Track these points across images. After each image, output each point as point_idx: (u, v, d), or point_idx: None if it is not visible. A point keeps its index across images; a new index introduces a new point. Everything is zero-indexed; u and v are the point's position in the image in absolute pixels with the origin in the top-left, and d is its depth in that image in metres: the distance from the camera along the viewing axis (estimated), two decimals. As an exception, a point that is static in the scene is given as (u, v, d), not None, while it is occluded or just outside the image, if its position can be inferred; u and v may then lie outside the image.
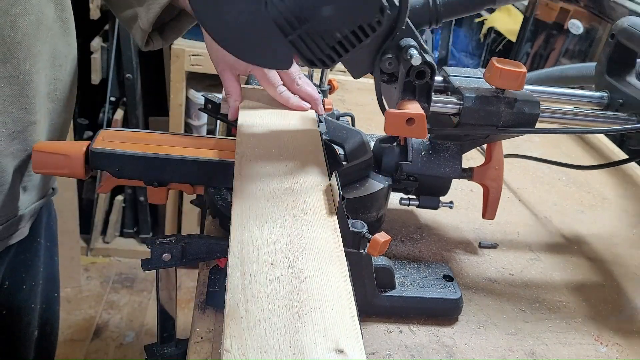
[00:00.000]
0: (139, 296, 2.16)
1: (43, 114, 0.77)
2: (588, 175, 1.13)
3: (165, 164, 0.71)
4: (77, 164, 0.70)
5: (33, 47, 0.71)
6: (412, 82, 0.65)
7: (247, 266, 0.49)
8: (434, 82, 0.66)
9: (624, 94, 0.80)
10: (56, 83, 0.79)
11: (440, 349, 0.67)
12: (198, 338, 0.64)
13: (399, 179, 0.79)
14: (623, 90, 0.80)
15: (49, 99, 0.78)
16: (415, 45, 0.63)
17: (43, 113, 0.77)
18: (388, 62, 0.65)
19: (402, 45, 0.64)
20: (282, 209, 0.57)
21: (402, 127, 0.62)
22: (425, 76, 0.64)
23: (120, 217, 2.31)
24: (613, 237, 0.94)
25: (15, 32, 0.68)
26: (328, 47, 0.60)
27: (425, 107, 0.66)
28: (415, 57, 0.62)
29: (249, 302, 0.45)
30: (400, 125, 0.62)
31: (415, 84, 0.65)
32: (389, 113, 0.62)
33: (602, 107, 0.83)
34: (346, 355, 0.41)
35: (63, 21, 0.77)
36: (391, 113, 0.62)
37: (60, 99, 0.81)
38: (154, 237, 0.64)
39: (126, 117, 2.12)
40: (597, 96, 0.83)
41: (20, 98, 0.71)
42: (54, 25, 0.75)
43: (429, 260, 0.81)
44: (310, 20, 0.58)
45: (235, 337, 0.42)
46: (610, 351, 0.70)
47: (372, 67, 0.66)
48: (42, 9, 0.72)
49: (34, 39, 0.71)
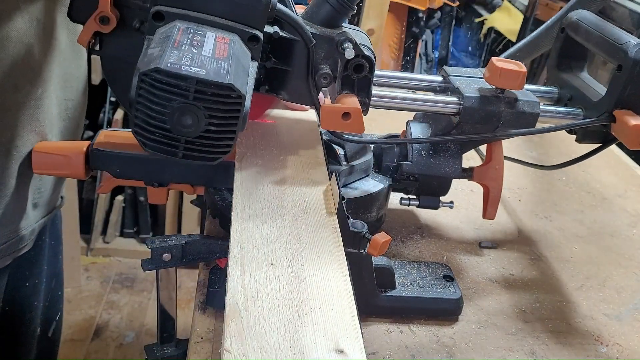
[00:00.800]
0: (139, 296, 2.16)
1: (55, 133, 0.78)
2: (588, 175, 1.13)
3: (165, 164, 0.71)
4: (77, 164, 0.70)
5: (45, 73, 0.72)
6: (351, 76, 0.64)
7: (247, 266, 0.49)
8: (373, 76, 0.65)
9: (573, 87, 0.79)
10: (67, 103, 0.80)
11: (440, 349, 0.67)
12: (198, 338, 0.64)
13: (399, 179, 0.79)
14: (572, 84, 0.80)
15: (61, 119, 0.79)
16: (351, 39, 0.63)
17: (55, 133, 0.78)
18: (323, 77, 0.65)
19: (337, 39, 0.63)
20: (282, 209, 0.57)
21: (338, 122, 0.62)
22: (364, 70, 0.64)
23: (120, 217, 2.31)
24: (613, 237, 0.94)
25: (29, 60, 0.69)
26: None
27: (364, 101, 0.66)
28: (349, 50, 0.62)
29: (249, 302, 0.45)
30: (337, 120, 0.62)
31: (354, 78, 0.65)
32: (324, 108, 0.62)
33: (552, 102, 0.82)
34: (346, 355, 0.41)
35: (76, 45, 0.78)
36: (326, 108, 0.62)
37: (72, 117, 0.82)
38: (154, 237, 0.64)
39: (126, 117, 2.12)
40: (547, 91, 0.83)
41: (31, 122, 0.72)
42: (66, 50, 0.76)
43: (429, 260, 0.81)
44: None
45: (235, 337, 0.42)
46: (610, 351, 0.70)
47: (311, 91, 0.66)
48: (56, 36, 0.73)
49: (46, 65, 0.72)
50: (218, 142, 0.50)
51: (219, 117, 0.48)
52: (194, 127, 0.48)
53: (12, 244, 0.77)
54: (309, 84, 0.65)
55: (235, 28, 0.55)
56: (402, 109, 0.74)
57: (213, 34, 0.53)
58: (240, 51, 0.53)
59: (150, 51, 0.49)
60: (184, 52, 0.48)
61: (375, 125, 1.21)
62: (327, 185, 0.63)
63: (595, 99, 0.74)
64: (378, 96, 0.70)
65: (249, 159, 0.66)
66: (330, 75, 0.64)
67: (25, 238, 0.79)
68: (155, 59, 0.47)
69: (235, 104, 0.48)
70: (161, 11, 0.53)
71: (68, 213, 1.98)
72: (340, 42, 0.63)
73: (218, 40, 0.53)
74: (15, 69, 0.67)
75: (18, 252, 0.79)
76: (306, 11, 0.66)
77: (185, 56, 0.47)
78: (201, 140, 0.49)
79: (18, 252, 0.79)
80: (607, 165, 1.17)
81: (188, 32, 0.52)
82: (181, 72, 0.46)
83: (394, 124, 0.90)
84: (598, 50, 0.75)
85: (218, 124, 0.48)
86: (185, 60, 0.47)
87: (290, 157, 0.68)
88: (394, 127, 0.90)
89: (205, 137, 0.49)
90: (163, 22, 0.53)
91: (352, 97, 0.64)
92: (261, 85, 0.66)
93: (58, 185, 0.86)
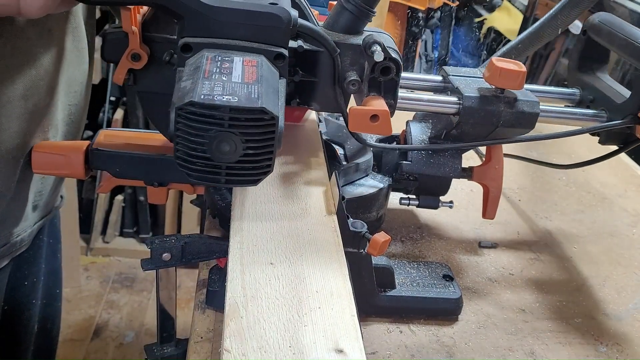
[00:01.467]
0: (139, 296, 2.16)
1: (59, 139, 0.78)
2: (588, 175, 1.13)
3: (165, 164, 0.71)
4: (77, 164, 0.70)
5: (53, 81, 0.72)
6: (378, 78, 0.65)
7: (247, 266, 0.49)
8: (400, 79, 0.66)
9: (595, 89, 0.80)
10: (70, 108, 0.80)
11: (440, 349, 0.67)
12: (198, 338, 0.64)
13: (399, 179, 0.79)
14: (594, 86, 0.80)
15: (64, 123, 0.79)
16: (379, 41, 0.63)
17: (59, 138, 0.78)
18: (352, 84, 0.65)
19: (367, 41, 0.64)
20: (282, 209, 0.57)
21: (366, 124, 0.62)
22: (391, 72, 0.64)
23: (120, 217, 2.31)
24: (613, 237, 0.94)
25: (37, 70, 0.69)
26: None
27: (391, 103, 0.66)
28: (378, 53, 0.62)
29: (248, 302, 0.45)
30: (365, 122, 0.62)
31: (380, 80, 0.65)
32: (352, 110, 0.62)
33: (574, 104, 0.83)
34: (346, 355, 0.42)
35: (79, 50, 0.79)
36: (354, 110, 0.62)
37: (75, 121, 0.82)
38: (154, 237, 0.64)
39: (126, 117, 2.12)
40: (569, 92, 0.83)
41: (38, 129, 0.72)
42: (71, 56, 0.76)
43: (429, 260, 0.81)
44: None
45: (235, 337, 0.42)
46: (610, 351, 0.70)
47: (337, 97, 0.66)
48: (62, 44, 0.73)
49: (54, 73, 0.72)
50: (257, 164, 0.51)
51: (256, 141, 0.49)
52: (233, 153, 0.49)
53: (10, 245, 0.77)
54: (335, 92, 0.66)
55: (260, 49, 0.57)
56: (402, 108, 0.74)
57: (240, 58, 0.54)
58: (268, 72, 0.54)
59: (183, 84, 0.50)
60: (215, 81, 0.49)
61: (375, 125, 1.21)
62: (327, 185, 0.63)
63: (618, 101, 0.75)
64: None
65: None
66: (358, 82, 0.65)
67: (23, 239, 0.79)
68: (189, 92, 0.48)
69: (269, 126, 0.49)
70: (188, 43, 0.55)
71: (68, 213, 1.98)
72: (369, 45, 0.63)
73: (245, 63, 0.54)
74: (24, 79, 0.68)
75: (15, 253, 0.80)
76: (327, 21, 0.67)
77: (217, 85, 0.49)
78: (241, 165, 0.50)
79: (15, 253, 0.80)
80: (607, 165, 1.17)
81: (216, 59, 0.53)
82: (214, 102, 0.47)
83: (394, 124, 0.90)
84: (622, 53, 0.76)
85: (255, 147, 0.49)
86: (217, 89, 0.48)
87: (290, 157, 0.68)
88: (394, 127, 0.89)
89: (245, 161, 0.50)
90: (191, 52, 0.55)
91: (379, 99, 0.64)
92: (293, 99, 0.68)
93: (58, 186, 0.86)
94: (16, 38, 0.66)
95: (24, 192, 0.75)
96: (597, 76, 0.82)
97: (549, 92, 0.83)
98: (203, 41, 0.55)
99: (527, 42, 0.88)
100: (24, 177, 0.73)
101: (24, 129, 0.70)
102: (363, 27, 0.67)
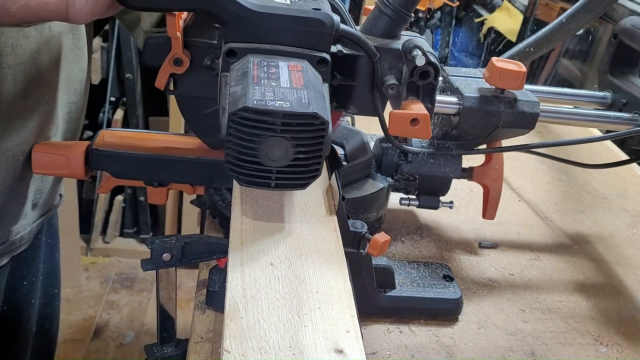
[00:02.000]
0: (139, 296, 2.16)
1: (59, 136, 0.78)
2: (588, 175, 1.13)
3: (165, 164, 0.71)
4: (77, 164, 0.70)
5: (53, 79, 0.73)
6: (416, 82, 0.65)
7: (247, 266, 0.49)
8: (438, 83, 0.66)
9: (627, 93, 0.80)
10: (70, 106, 0.80)
11: (440, 349, 0.67)
12: (198, 338, 0.64)
13: (399, 179, 0.79)
14: (626, 90, 0.80)
15: (64, 121, 0.80)
16: (419, 45, 0.63)
17: (59, 135, 0.78)
18: (390, 88, 0.65)
19: (407, 46, 0.64)
20: (281, 209, 0.57)
21: (406, 128, 0.62)
22: (429, 76, 0.65)
23: (120, 217, 2.31)
24: (613, 237, 0.94)
25: (37, 68, 0.69)
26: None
27: (429, 107, 0.66)
28: (420, 58, 0.62)
29: (248, 302, 0.45)
30: (405, 125, 0.62)
31: (418, 84, 0.65)
32: (393, 114, 0.62)
33: (605, 107, 0.83)
34: (346, 355, 0.42)
35: (79, 49, 0.79)
36: (395, 114, 0.62)
37: (74, 119, 0.83)
38: (154, 237, 0.64)
39: (126, 117, 2.12)
40: (600, 96, 0.83)
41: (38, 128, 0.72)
42: (70, 54, 0.77)
43: (429, 260, 0.81)
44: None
45: (235, 337, 0.42)
46: (610, 351, 0.70)
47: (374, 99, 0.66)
48: (62, 42, 0.73)
49: (54, 71, 0.73)
50: (307, 168, 0.51)
51: (306, 145, 0.50)
52: (284, 158, 0.50)
53: (10, 243, 0.77)
54: (373, 96, 0.66)
55: (304, 54, 0.57)
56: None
57: (285, 63, 0.55)
58: (313, 77, 0.55)
59: (232, 89, 0.51)
60: (265, 86, 0.50)
61: (375, 125, 1.21)
62: (327, 185, 0.63)
63: None
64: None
65: None
66: (397, 85, 0.65)
67: (23, 237, 0.79)
68: (241, 97, 0.48)
69: (320, 130, 0.49)
70: (233, 48, 0.55)
71: (68, 213, 1.98)
72: (409, 49, 0.63)
73: (291, 68, 0.54)
74: (25, 77, 0.68)
75: (15, 251, 0.80)
76: (365, 25, 0.67)
77: (267, 91, 0.49)
78: (291, 169, 0.51)
79: (15, 251, 0.80)
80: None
81: (262, 65, 0.54)
82: (267, 107, 0.47)
83: (394, 124, 0.90)
84: None
85: (306, 152, 0.50)
86: (268, 95, 0.49)
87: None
88: (393, 127, 0.89)
89: (295, 165, 0.51)
90: (236, 58, 0.56)
91: (418, 103, 0.65)
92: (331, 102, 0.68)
93: (57, 184, 0.86)
94: (17, 36, 0.66)
95: (24, 190, 0.75)
96: (629, 80, 0.83)
97: (579, 95, 0.83)
98: (248, 46, 0.56)
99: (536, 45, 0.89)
100: (23, 175, 0.73)
101: (24, 127, 0.70)
102: (400, 31, 0.67)
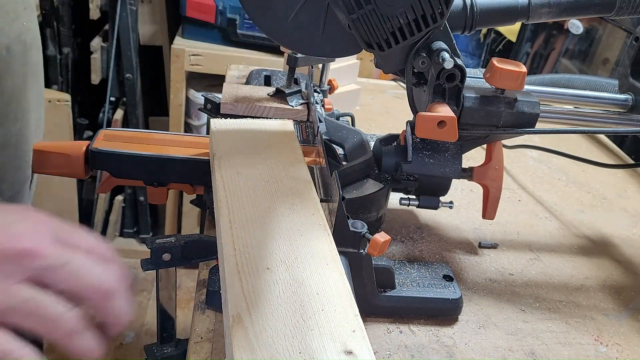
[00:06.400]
0: (139, 296, 2.16)
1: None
2: (588, 175, 1.13)
3: (165, 164, 0.71)
4: (77, 163, 0.70)
5: (21, 103, 0.68)
6: (442, 85, 0.65)
7: (244, 273, 0.47)
8: (464, 85, 0.66)
9: None
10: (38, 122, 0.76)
11: (440, 349, 0.67)
12: (198, 338, 0.64)
13: (399, 179, 0.79)
14: None
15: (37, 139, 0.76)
16: (446, 48, 0.64)
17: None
18: (421, 61, 0.66)
19: (433, 48, 0.64)
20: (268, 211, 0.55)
21: (433, 130, 0.63)
22: (456, 79, 0.65)
23: (120, 217, 2.31)
24: (613, 237, 0.94)
25: (1, 98, 0.65)
26: (387, 32, 0.62)
27: (454, 109, 0.67)
28: (448, 61, 0.63)
29: (251, 311, 0.44)
30: (432, 128, 0.63)
31: (445, 86, 0.66)
32: (421, 116, 0.62)
33: (627, 110, 0.83)
34: (356, 356, 0.41)
35: (41, 61, 0.75)
36: (423, 116, 0.62)
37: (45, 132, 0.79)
38: (154, 237, 0.64)
39: (126, 117, 2.12)
40: (622, 99, 0.83)
41: (13, 161, 0.68)
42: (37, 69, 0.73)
43: (429, 260, 0.81)
44: (374, 1, 0.59)
45: (244, 348, 0.40)
46: (610, 351, 0.70)
47: (405, 64, 0.66)
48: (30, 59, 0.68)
49: (22, 95, 0.68)
50: None
51: None
52: None
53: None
54: (406, 58, 0.67)
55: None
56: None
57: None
58: None
59: None
60: None
61: (375, 125, 1.21)
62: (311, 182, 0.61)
63: None
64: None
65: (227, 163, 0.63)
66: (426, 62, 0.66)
67: None
68: None
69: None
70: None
71: (68, 213, 1.98)
72: (437, 52, 0.64)
73: None
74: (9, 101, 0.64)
75: None
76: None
77: None
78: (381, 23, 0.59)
79: None
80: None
81: None
82: None
83: (395, 124, 0.90)
84: None
85: None
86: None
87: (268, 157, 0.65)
88: (394, 127, 0.90)
89: None
90: None
91: (444, 105, 0.65)
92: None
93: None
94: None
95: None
96: None
97: (601, 98, 0.83)
98: None
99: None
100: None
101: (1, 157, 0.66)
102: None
